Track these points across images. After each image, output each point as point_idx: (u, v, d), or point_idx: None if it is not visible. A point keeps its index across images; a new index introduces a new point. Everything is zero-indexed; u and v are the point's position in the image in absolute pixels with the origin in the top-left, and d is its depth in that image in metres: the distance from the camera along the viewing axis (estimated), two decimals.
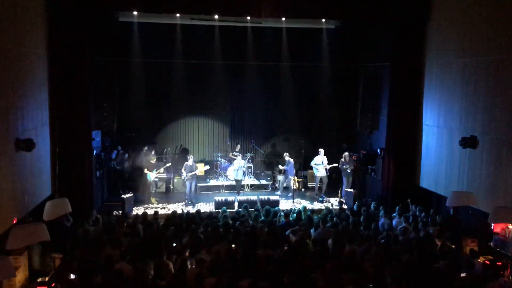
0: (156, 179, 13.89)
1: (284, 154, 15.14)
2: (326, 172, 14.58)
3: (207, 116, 17.56)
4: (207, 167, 14.76)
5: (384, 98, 14.40)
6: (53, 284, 6.87)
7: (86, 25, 11.44)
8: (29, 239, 7.51)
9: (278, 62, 16.53)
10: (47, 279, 7.86)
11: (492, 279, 7.10)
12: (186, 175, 13.76)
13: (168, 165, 14.38)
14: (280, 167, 15.08)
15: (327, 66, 16.64)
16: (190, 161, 13.89)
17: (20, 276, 7.98)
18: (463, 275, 7.33)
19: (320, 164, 14.49)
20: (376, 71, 15.43)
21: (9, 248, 7.41)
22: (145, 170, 13.67)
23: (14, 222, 8.69)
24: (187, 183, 13.84)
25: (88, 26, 11.55)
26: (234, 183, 15.01)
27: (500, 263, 7.97)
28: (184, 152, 16.05)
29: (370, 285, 6.83)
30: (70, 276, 7.30)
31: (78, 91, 11.38)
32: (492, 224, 9.55)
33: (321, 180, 14.62)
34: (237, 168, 14.59)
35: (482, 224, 9.75)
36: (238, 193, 14.46)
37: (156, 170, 13.77)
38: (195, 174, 13.92)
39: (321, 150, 14.68)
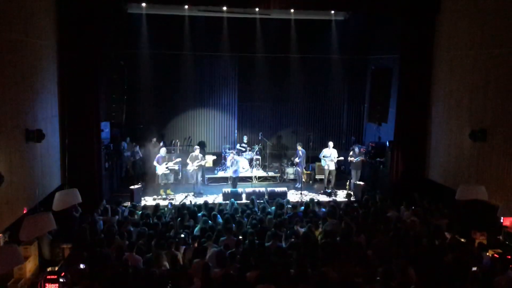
0: (167, 171, 13.89)
1: (298, 144, 15.11)
2: (335, 165, 14.54)
3: (215, 108, 17.57)
4: (214, 157, 14.65)
5: (393, 90, 14.30)
6: (63, 273, 6.93)
7: (95, 17, 11.44)
8: (40, 229, 7.60)
9: (286, 54, 16.48)
10: (56, 268, 7.93)
11: (501, 272, 7.07)
12: (192, 166, 13.79)
13: (178, 159, 14.39)
14: (295, 159, 14.92)
15: (335, 58, 16.60)
16: (196, 152, 13.91)
17: (30, 265, 8.06)
18: (474, 269, 7.29)
19: (328, 156, 14.43)
20: (385, 63, 15.32)
21: (22, 239, 7.50)
22: (154, 163, 13.72)
23: (24, 212, 8.78)
24: (193, 174, 13.88)
25: (97, 18, 11.55)
26: (243, 174, 15.02)
27: (509, 257, 7.91)
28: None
29: (378, 278, 6.83)
30: (79, 266, 7.36)
31: (88, 82, 11.43)
32: (502, 217, 9.49)
33: (329, 173, 14.58)
34: (230, 165, 14.50)
35: (491, 217, 9.68)
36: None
37: (166, 164, 13.80)
38: (200, 165, 13.93)
39: (330, 143, 14.64)
